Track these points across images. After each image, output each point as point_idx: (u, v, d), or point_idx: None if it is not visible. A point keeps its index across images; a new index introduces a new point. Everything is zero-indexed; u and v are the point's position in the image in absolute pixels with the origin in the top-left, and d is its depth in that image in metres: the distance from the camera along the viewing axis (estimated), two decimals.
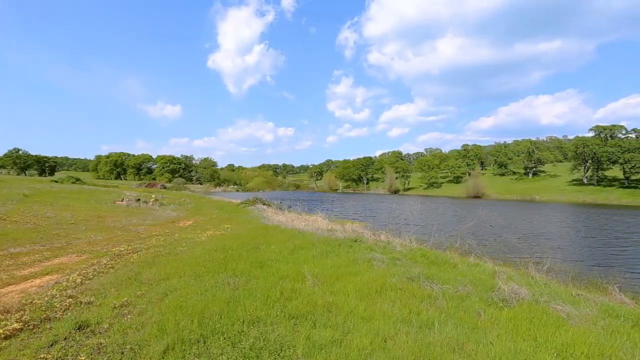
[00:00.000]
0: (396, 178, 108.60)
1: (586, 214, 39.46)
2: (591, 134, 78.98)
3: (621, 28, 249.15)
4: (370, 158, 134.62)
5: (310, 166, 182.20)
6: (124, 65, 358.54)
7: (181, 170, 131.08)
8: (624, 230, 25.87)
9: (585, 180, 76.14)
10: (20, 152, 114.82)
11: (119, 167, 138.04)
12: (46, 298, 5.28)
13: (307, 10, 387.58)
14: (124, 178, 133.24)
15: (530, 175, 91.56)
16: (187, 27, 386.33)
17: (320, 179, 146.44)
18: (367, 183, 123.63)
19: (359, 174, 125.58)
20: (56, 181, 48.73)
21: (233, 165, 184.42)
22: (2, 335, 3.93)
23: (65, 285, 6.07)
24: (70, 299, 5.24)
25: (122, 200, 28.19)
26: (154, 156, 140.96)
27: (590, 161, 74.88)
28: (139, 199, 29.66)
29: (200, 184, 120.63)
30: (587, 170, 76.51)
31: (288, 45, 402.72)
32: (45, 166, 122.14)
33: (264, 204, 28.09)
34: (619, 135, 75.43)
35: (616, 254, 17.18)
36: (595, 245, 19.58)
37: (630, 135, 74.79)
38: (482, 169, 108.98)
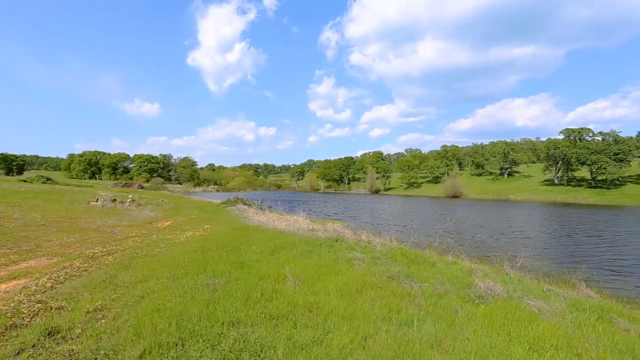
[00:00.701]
0: (377, 178, 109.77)
1: (557, 213, 41.20)
2: (561, 137, 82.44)
3: (588, 36, 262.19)
4: (352, 158, 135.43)
5: (292, 166, 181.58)
6: (99, 61, 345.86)
7: (159, 169, 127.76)
8: (591, 228, 27.19)
9: (556, 181, 79.47)
10: None
11: (94, 166, 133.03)
12: (12, 304, 5.02)
13: (289, 9, 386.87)
14: (99, 178, 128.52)
15: (506, 175, 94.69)
16: (166, 23, 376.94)
17: (302, 179, 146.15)
18: (348, 183, 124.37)
19: (341, 174, 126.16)
20: (25, 181, 46.39)
21: (213, 164, 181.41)
22: None
23: (34, 289, 5.80)
24: (39, 304, 5.00)
25: (96, 201, 27.19)
26: (131, 155, 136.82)
27: (560, 162, 78.22)
28: (114, 199, 28.70)
29: (180, 183, 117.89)
30: (558, 171, 79.88)
31: (270, 44, 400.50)
32: (13, 165, 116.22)
33: (244, 204, 27.76)
34: (587, 137, 79.09)
35: (584, 250, 18.02)
36: (565, 243, 20.47)
37: (596, 137, 78.52)
38: (460, 170, 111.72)
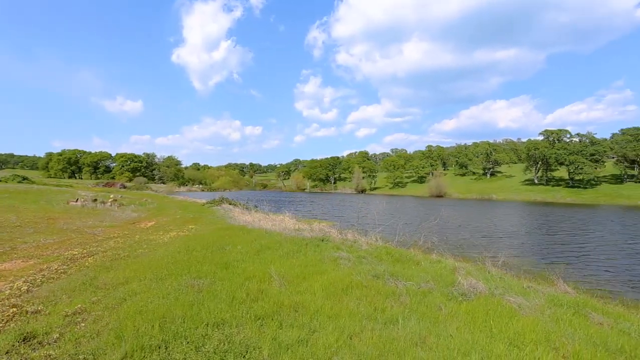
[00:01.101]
0: (363, 178, 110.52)
1: (536, 212, 42.44)
2: (541, 138, 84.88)
3: (567, 41, 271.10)
4: (338, 158, 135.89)
5: (278, 165, 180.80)
6: (78, 57, 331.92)
7: (143, 169, 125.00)
8: (569, 226, 28.13)
9: (536, 180, 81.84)
10: None
11: (74, 165, 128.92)
12: None
13: (276, 7, 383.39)
14: (79, 177, 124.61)
15: (488, 175, 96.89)
16: (150, 18, 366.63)
17: (288, 178, 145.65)
18: (334, 183, 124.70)
19: (327, 173, 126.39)
20: None
21: (198, 164, 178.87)
22: None
23: (9, 293, 5.59)
24: (14, 309, 4.83)
25: (76, 201, 26.41)
26: (113, 154, 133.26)
27: (540, 162, 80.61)
28: (95, 199, 27.95)
29: (164, 183, 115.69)
30: (538, 171, 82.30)
31: (256, 42, 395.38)
32: None
33: (230, 204, 27.48)
34: (565, 139, 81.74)
35: (561, 248, 18.64)
36: (544, 241, 21.12)
37: (574, 139, 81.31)
38: (444, 169, 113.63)
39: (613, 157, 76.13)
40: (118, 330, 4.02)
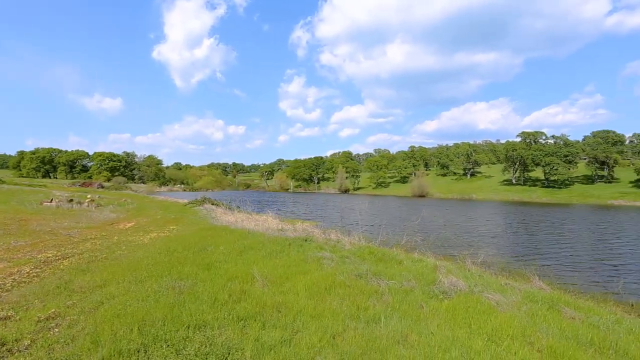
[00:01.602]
0: (346, 178, 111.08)
1: (514, 212, 43.79)
2: (519, 139, 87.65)
3: (543, 46, 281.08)
4: (322, 158, 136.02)
5: (261, 165, 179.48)
6: (53, 51, 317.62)
7: (122, 168, 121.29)
8: (544, 225, 29.17)
9: (514, 181, 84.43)
10: None
11: (48, 164, 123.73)
12: None
13: (260, 6, 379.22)
14: (54, 177, 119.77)
15: (469, 175, 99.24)
16: (130, 14, 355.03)
17: (271, 178, 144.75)
18: (318, 183, 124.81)
19: (310, 173, 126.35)
20: None
21: (180, 163, 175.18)
22: None
23: None
24: None
25: (50, 201, 25.39)
26: (91, 153, 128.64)
27: (518, 163, 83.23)
28: (71, 200, 26.94)
29: (144, 183, 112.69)
30: (516, 172, 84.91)
31: (239, 41, 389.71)
32: None
33: (212, 204, 27.06)
34: (541, 140, 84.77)
35: (538, 245, 19.31)
36: (521, 239, 21.82)
37: (549, 140, 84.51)
38: (426, 170, 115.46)
39: (585, 159, 79.45)
40: (94, 335, 3.90)
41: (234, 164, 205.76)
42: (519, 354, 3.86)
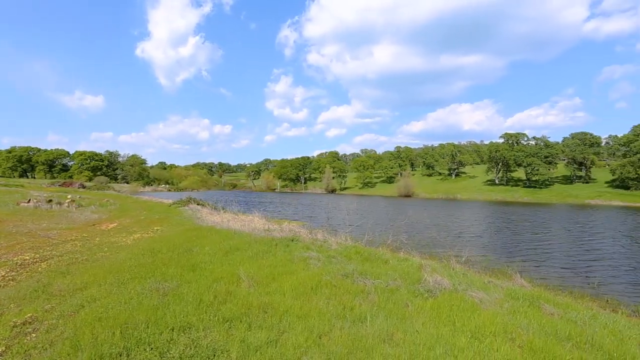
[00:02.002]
0: (333, 178, 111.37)
1: (497, 211, 44.81)
2: (502, 140, 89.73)
3: (525, 50, 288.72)
4: (308, 158, 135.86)
5: (248, 165, 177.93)
6: (30, 46, 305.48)
7: (104, 167, 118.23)
8: (527, 224, 29.95)
9: (497, 181, 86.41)
10: None
11: (25, 163, 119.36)
12: None
13: (247, 5, 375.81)
14: (31, 176, 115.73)
15: (453, 176, 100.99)
16: (112, 10, 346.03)
17: (258, 178, 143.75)
18: (305, 183, 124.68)
19: (297, 173, 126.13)
20: None
21: (165, 163, 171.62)
22: None
23: None
24: None
25: (28, 202, 24.54)
26: (72, 152, 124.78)
27: (501, 164, 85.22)
28: (50, 200, 26.12)
29: (127, 183, 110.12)
30: (499, 172, 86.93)
31: (226, 39, 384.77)
32: None
33: (198, 204, 26.68)
34: (523, 142, 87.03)
35: (519, 244, 19.81)
36: (504, 238, 22.34)
37: (530, 142, 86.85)
38: (412, 170, 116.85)
39: (564, 160, 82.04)
40: (74, 340, 3.80)
41: (220, 164, 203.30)
42: (500, 351, 3.95)
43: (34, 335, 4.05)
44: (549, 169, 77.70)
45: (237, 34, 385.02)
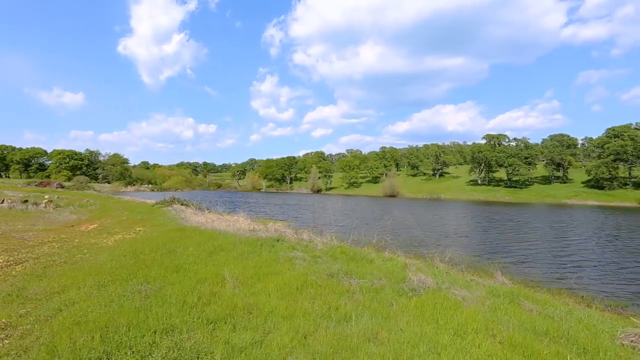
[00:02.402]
0: (319, 178, 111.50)
1: (479, 210, 45.86)
2: (484, 141, 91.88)
3: (506, 53, 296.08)
4: (294, 158, 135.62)
5: (233, 165, 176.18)
6: (4, 39, 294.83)
7: (84, 167, 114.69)
8: (507, 223, 30.76)
9: (479, 181, 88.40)
10: None
11: None
12: None
13: (233, 2, 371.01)
14: (5, 176, 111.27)
15: (437, 176, 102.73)
16: (93, 3, 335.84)
17: (243, 178, 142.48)
18: (290, 183, 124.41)
19: (283, 173, 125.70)
20: None
21: (148, 162, 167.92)
22: None
23: None
24: None
25: (1, 202, 23.61)
26: (49, 150, 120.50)
27: (483, 164, 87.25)
28: (26, 200, 25.21)
29: (108, 182, 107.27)
30: (481, 172, 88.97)
31: (211, 37, 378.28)
32: None
33: (182, 204, 26.22)
34: (504, 143, 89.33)
35: (501, 243, 20.33)
36: (486, 236, 22.89)
37: (511, 143, 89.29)
38: (397, 170, 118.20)
39: (543, 160, 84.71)
40: (51, 345, 3.68)
41: (205, 164, 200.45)
42: (482, 347, 4.05)
43: (6, 341, 3.90)
44: (529, 170, 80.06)
45: (222, 32, 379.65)
